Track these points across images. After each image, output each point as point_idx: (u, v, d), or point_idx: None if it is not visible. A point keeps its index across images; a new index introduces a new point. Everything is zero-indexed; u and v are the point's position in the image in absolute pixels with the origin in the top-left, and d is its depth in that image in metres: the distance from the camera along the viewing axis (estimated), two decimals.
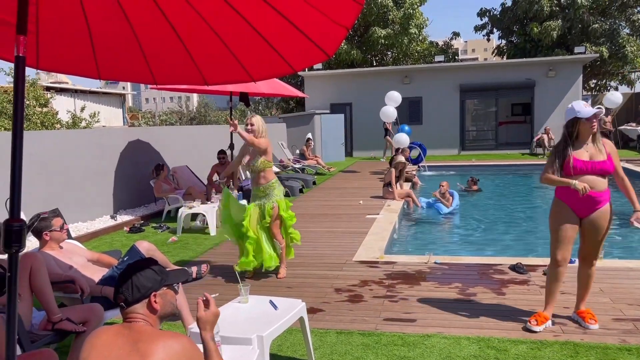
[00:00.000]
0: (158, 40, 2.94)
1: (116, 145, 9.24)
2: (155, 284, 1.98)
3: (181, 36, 2.86)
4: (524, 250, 6.94)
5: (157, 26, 2.82)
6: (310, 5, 2.18)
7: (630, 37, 23.41)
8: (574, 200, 3.74)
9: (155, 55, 3.06)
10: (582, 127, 3.74)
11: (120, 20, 2.79)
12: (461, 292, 4.72)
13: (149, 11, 2.71)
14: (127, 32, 2.85)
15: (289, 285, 5.11)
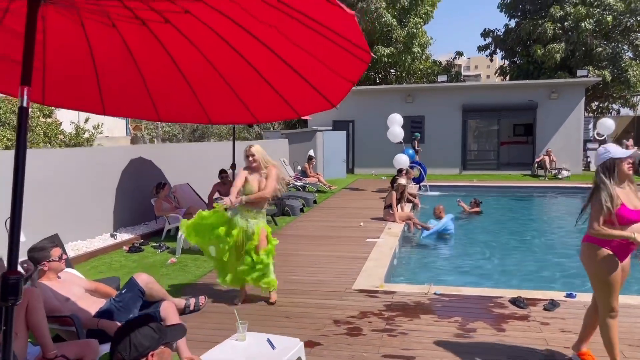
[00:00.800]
0: (164, 80, 2.96)
1: (118, 163, 9.25)
2: (153, 342, 1.96)
3: (187, 78, 2.87)
4: (526, 280, 6.90)
5: (163, 67, 2.83)
6: (317, 60, 2.20)
7: (633, 61, 23.52)
8: (615, 246, 3.58)
9: (160, 94, 3.07)
10: (619, 169, 3.59)
11: (126, 60, 2.80)
12: (461, 327, 4.68)
13: (157, 54, 2.72)
14: (133, 72, 2.86)
15: (287, 315, 5.08)
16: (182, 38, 2.59)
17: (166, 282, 6.08)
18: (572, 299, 5.38)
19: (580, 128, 20.01)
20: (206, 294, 5.46)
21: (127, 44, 2.70)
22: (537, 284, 6.70)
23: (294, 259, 7.35)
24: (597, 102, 26.70)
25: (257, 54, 2.43)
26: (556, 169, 18.91)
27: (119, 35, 2.61)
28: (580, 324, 4.71)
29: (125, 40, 2.66)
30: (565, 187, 16.27)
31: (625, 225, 3.52)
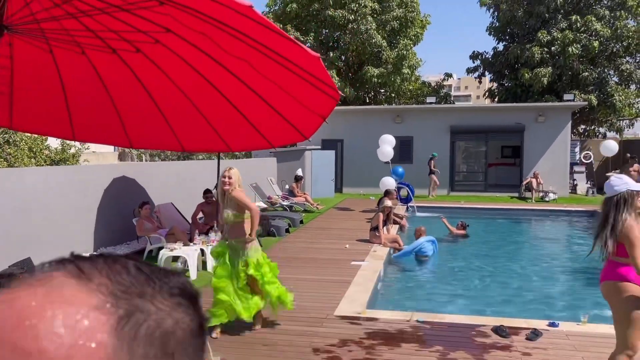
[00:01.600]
0: (136, 107, 2.91)
1: (101, 182, 9.14)
2: None
3: (159, 106, 2.83)
4: (510, 306, 6.85)
5: (135, 95, 2.79)
6: (288, 95, 2.17)
7: (618, 86, 23.88)
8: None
9: (132, 121, 3.03)
10: (633, 202, 3.49)
11: (97, 87, 2.75)
12: (442, 357, 4.61)
13: (128, 82, 2.68)
14: (103, 98, 2.82)
15: (266, 342, 4.97)
16: (154, 67, 2.55)
17: None
18: (554, 328, 5.33)
19: (567, 151, 20.17)
20: None
21: (97, 71, 2.65)
22: (522, 309, 6.66)
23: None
24: (584, 125, 27.01)
25: (229, 85, 2.40)
26: (543, 191, 19.01)
27: (89, 63, 2.57)
28: (563, 354, 4.68)
29: (95, 67, 2.62)
30: (552, 210, 16.33)
31: (626, 258, 3.46)
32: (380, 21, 25.50)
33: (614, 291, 3.53)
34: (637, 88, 25.06)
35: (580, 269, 9.34)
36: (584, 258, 10.28)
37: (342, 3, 25.17)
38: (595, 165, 22.16)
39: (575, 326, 5.40)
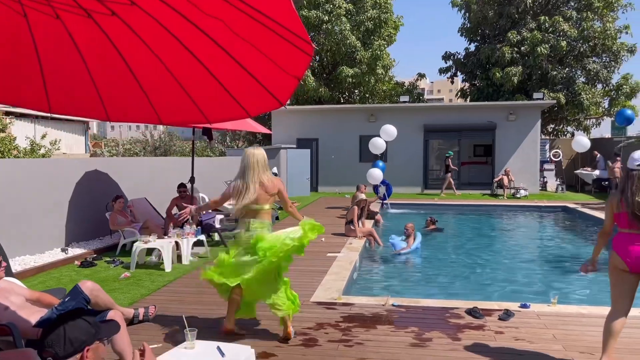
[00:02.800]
0: (113, 78, 2.89)
1: (72, 175, 8.98)
2: (89, 337, 1.83)
3: (136, 75, 2.81)
4: (483, 292, 6.98)
5: (111, 63, 2.77)
6: (265, 56, 2.19)
7: (585, 85, 24.52)
8: None
9: (109, 92, 3.00)
10: None
11: (73, 56, 2.72)
12: (417, 337, 4.67)
13: (105, 50, 2.66)
14: (80, 68, 2.79)
15: (242, 327, 4.96)
16: (130, 33, 2.54)
17: (118, 296, 5.87)
18: (526, 309, 5.45)
19: (537, 149, 20.62)
20: (158, 305, 5.29)
21: (72, 37, 2.63)
22: (494, 294, 6.79)
23: None
24: (553, 124, 27.63)
25: (205, 48, 2.40)
26: (514, 188, 19.39)
27: (64, 28, 2.54)
28: (534, 332, 4.79)
29: (70, 33, 2.60)
30: (523, 206, 16.68)
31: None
32: (355, 22, 25.67)
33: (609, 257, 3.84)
34: (603, 87, 25.76)
35: (550, 258, 9.58)
36: (528, 243, 10.54)
37: (316, 4, 25.27)
38: (564, 163, 22.71)
39: (545, 307, 5.53)
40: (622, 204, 3.72)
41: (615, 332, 3.75)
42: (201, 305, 5.65)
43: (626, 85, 24.97)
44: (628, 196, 3.69)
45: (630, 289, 3.77)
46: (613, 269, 3.82)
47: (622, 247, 3.73)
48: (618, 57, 24.96)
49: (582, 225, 13.23)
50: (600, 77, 24.75)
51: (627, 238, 3.73)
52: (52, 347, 1.77)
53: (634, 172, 3.74)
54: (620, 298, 3.78)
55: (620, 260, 3.73)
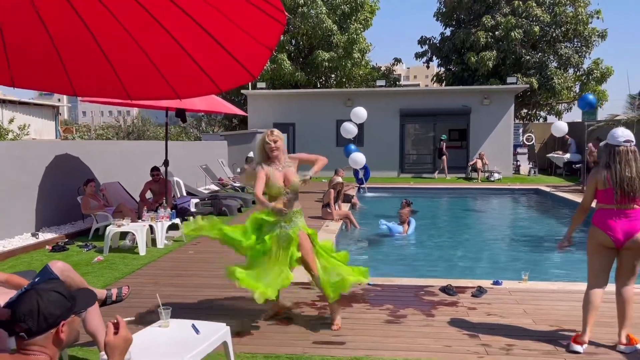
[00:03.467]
0: (78, 49, 2.81)
1: (42, 158, 8.77)
2: (64, 311, 1.77)
3: (103, 48, 2.74)
4: (456, 271, 7.09)
5: (78, 36, 2.69)
6: (236, 26, 2.15)
7: (557, 70, 24.88)
8: None
9: (75, 66, 2.92)
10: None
11: (36, 27, 2.63)
12: (392, 314, 4.72)
13: (69, 19, 2.57)
14: (44, 41, 2.70)
15: (217, 308, 4.95)
16: (97, 2, 2.46)
17: (91, 280, 5.79)
18: (498, 286, 5.56)
19: (510, 133, 20.92)
20: (132, 287, 5.23)
21: (36, 8, 2.54)
22: (468, 273, 6.90)
23: (228, 256, 7.17)
24: (526, 109, 28.03)
25: (174, 19, 2.35)
26: (488, 171, 19.66)
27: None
28: (506, 307, 4.89)
29: (33, 3, 2.51)
30: (497, 189, 16.94)
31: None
32: (331, 5, 25.49)
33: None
34: (574, 72, 26.18)
35: (522, 238, 9.78)
36: (501, 224, 10.71)
37: None
38: (537, 147, 23.10)
39: (517, 284, 5.65)
40: (608, 181, 3.76)
41: (596, 307, 3.83)
42: (176, 287, 5.61)
43: (597, 70, 25.43)
44: (616, 172, 3.72)
45: (609, 263, 3.85)
46: (595, 245, 3.84)
47: (608, 223, 3.76)
48: (589, 42, 25.38)
49: (553, 207, 13.51)
50: (571, 62, 25.15)
51: (614, 214, 3.75)
52: (25, 322, 1.71)
53: (619, 147, 3.78)
54: (600, 272, 3.84)
55: (606, 237, 3.75)
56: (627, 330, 3.86)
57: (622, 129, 3.84)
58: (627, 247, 3.75)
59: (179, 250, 7.50)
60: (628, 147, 3.76)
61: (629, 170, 3.70)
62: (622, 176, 3.69)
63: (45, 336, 1.73)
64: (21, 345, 1.74)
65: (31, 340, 1.71)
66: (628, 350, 3.79)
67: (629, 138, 3.78)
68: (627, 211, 3.74)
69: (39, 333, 1.72)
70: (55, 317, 1.74)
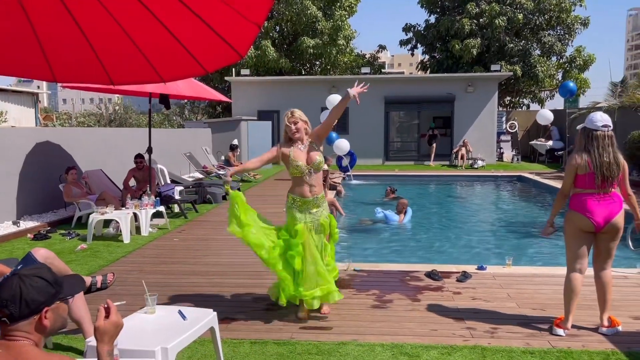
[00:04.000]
0: (58, 32, 2.73)
1: (22, 146, 8.61)
2: (48, 298, 1.74)
3: (83, 30, 2.67)
4: (441, 257, 7.14)
5: (56, 18, 2.61)
6: (220, 1, 2.09)
7: (540, 57, 25.04)
8: None
9: (55, 50, 2.84)
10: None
11: (14, 11, 2.55)
12: (378, 299, 4.76)
13: (48, 1, 2.50)
14: (21, 23, 2.62)
15: (205, 294, 4.94)
16: None
17: (75, 268, 5.73)
18: (483, 271, 5.62)
19: (494, 120, 21.06)
20: (117, 275, 5.20)
21: None
22: (452, 258, 6.96)
23: (214, 243, 7.18)
24: (509, 97, 28.21)
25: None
26: (472, 159, 19.81)
27: None
28: (490, 292, 4.95)
29: None
30: (481, 176, 17.08)
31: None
32: None
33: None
34: (557, 60, 26.38)
35: (506, 223, 9.90)
36: (484, 210, 10.83)
37: None
38: (520, 134, 23.30)
39: (501, 269, 5.72)
40: (589, 165, 3.77)
41: (577, 293, 3.88)
42: (161, 275, 5.58)
43: (579, 58, 25.66)
44: (595, 157, 3.74)
45: (588, 247, 3.89)
46: (573, 230, 3.87)
47: (589, 208, 3.78)
48: (572, 29, 25.56)
49: (536, 194, 13.67)
50: (554, 49, 25.33)
51: (594, 198, 3.78)
52: (7, 308, 1.68)
53: (597, 132, 3.80)
54: (579, 258, 3.88)
55: (586, 221, 3.78)
56: (608, 313, 3.93)
57: (600, 114, 3.85)
58: (605, 231, 3.81)
59: (163, 237, 7.45)
60: (605, 132, 3.78)
61: (606, 155, 3.73)
62: (601, 161, 3.73)
63: (29, 322, 1.70)
64: (5, 331, 1.71)
65: (14, 326, 1.69)
66: (610, 332, 3.87)
67: (607, 123, 3.80)
68: (605, 195, 3.79)
69: (21, 319, 1.69)
70: (38, 303, 1.71)
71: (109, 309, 1.97)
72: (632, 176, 14.16)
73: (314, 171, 4.18)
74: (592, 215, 3.78)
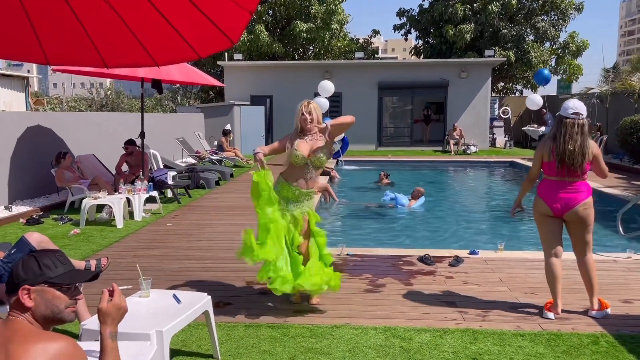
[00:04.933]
0: (51, 16, 2.70)
1: (12, 130, 8.53)
2: (32, 276, 1.74)
3: (77, 13, 2.64)
4: (433, 242, 7.20)
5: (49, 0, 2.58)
6: None
7: (534, 43, 25.01)
8: None
9: (47, 32, 2.81)
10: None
11: None
12: (371, 283, 4.80)
13: None
14: (14, 5, 2.59)
15: (199, 278, 4.96)
16: None
17: (68, 252, 5.72)
18: (475, 256, 5.67)
19: (487, 106, 21.07)
20: (110, 259, 5.19)
21: None
22: (445, 243, 7.02)
23: (207, 228, 7.19)
24: (503, 82, 28.22)
25: None
26: (465, 144, 19.86)
27: None
28: (482, 276, 5.01)
29: None
30: (473, 161, 17.15)
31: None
32: None
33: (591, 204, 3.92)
34: (551, 45, 26.37)
35: (498, 208, 9.97)
36: (477, 195, 10.88)
37: None
38: (513, 120, 23.36)
39: (493, 253, 5.78)
40: (552, 152, 3.82)
41: (558, 276, 3.95)
42: (155, 259, 5.59)
43: (572, 44, 25.66)
44: (560, 144, 3.77)
45: (556, 231, 3.97)
46: (538, 215, 4.01)
47: (549, 194, 3.89)
48: (565, 14, 25.51)
49: None
50: (548, 35, 25.30)
51: (554, 185, 3.87)
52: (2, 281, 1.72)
53: (567, 119, 3.82)
54: (550, 242, 3.98)
55: (545, 206, 3.90)
56: (597, 296, 3.99)
57: (574, 101, 3.85)
58: (569, 220, 3.90)
59: (156, 223, 7.45)
60: (576, 119, 3.78)
61: (572, 143, 3.74)
62: (564, 149, 3.75)
63: (15, 298, 1.73)
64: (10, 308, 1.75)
65: (11, 303, 1.73)
66: (599, 315, 3.93)
67: (577, 110, 3.78)
68: (566, 183, 3.84)
69: (8, 293, 1.73)
70: (20, 279, 1.72)
71: (113, 291, 1.98)
72: (623, 162, 14.28)
73: (312, 166, 4.13)
74: (550, 200, 3.89)
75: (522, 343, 3.53)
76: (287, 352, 3.42)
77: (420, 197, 9.75)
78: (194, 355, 3.40)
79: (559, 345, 3.49)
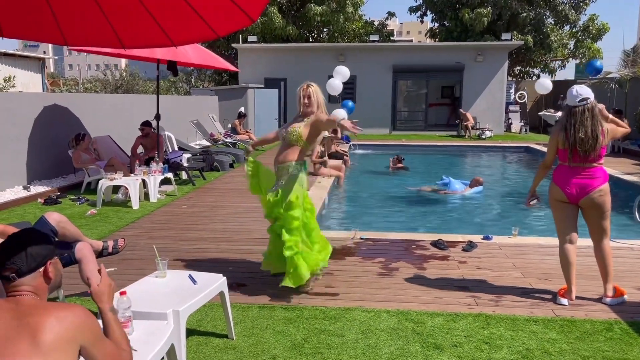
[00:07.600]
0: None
1: (31, 111, 8.63)
2: (50, 251, 1.87)
3: None
4: (447, 227, 7.18)
5: None
6: None
7: (554, 27, 24.54)
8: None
9: (65, 13, 2.82)
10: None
11: None
12: (384, 267, 4.82)
13: None
14: None
15: (213, 259, 5.02)
16: None
17: (86, 232, 5.80)
18: (488, 241, 5.66)
19: (503, 90, 20.82)
20: (127, 240, 5.27)
21: None
22: (459, 228, 7.00)
23: (221, 210, 7.25)
24: (519, 67, 27.80)
25: None
26: (480, 129, 19.67)
27: None
28: (495, 261, 5.00)
29: None
30: (488, 146, 17.00)
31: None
32: None
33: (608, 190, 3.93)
34: (570, 29, 25.86)
35: (512, 194, 9.89)
36: (491, 179, 10.79)
37: None
38: (529, 105, 23.08)
39: (507, 239, 5.76)
40: (566, 140, 3.84)
41: (572, 262, 3.94)
42: (170, 240, 5.66)
43: (592, 27, 25.13)
44: (571, 134, 3.79)
45: (572, 217, 3.96)
46: (553, 200, 4.01)
47: (563, 180, 3.90)
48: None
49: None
50: (569, 18, 24.79)
51: (569, 171, 3.88)
52: (15, 263, 1.77)
53: (575, 108, 3.82)
54: (565, 228, 3.98)
55: (560, 192, 3.91)
56: (612, 283, 3.97)
57: (578, 87, 3.85)
58: (584, 206, 3.89)
59: (171, 204, 7.52)
60: (584, 106, 3.80)
61: (583, 130, 3.77)
62: (575, 138, 3.78)
63: (34, 276, 1.81)
64: (10, 289, 1.80)
65: (19, 281, 1.79)
66: (613, 302, 3.91)
67: (584, 96, 3.80)
68: (581, 169, 3.85)
69: (28, 272, 1.80)
70: (42, 256, 1.84)
71: (100, 270, 2.12)
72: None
73: (285, 140, 4.12)
74: (564, 186, 3.89)
75: (535, 328, 3.53)
76: (301, 333, 3.46)
77: (478, 188, 9.73)
78: (209, 335, 3.45)
79: (572, 332, 3.49)
